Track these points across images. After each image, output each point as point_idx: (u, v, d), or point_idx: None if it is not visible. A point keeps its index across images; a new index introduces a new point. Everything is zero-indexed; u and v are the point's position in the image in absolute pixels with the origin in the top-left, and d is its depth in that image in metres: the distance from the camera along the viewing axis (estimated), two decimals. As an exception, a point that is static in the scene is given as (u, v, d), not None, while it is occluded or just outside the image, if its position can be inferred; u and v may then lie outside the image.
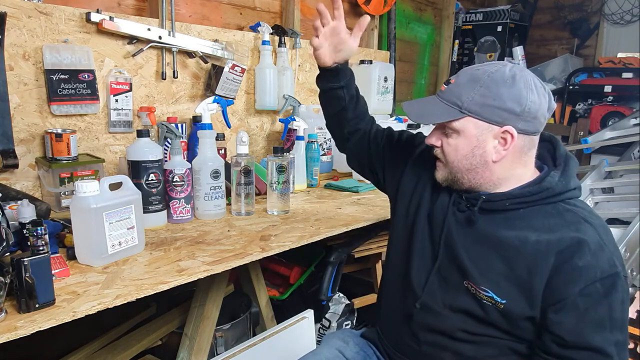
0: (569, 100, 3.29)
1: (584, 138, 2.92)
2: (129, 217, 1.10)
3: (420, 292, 0.98)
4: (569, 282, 0.81)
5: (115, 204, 1.07)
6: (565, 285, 0.81)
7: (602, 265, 0.81)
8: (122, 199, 1.09)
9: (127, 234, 1.10)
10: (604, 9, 3.42)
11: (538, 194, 0.89)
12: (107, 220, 1.04)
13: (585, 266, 0.81)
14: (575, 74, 3.29)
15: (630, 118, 2.89)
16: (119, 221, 1.07)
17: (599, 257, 0.81)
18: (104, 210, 1.04)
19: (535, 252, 0.84)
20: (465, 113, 0.89)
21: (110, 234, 1.05)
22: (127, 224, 1.10)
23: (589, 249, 0.81)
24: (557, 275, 0.82)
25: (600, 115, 3.14)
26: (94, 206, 1.02)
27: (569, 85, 3.27)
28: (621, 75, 3.14)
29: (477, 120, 0.89)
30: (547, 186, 0.88)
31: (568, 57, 3.46)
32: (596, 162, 2.78)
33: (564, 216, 0.87)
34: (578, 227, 0.85)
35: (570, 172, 0.91)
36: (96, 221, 1.03)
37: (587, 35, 3.55)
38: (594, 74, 3.32)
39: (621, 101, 3.13)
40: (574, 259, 0.81)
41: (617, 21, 3.39)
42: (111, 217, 1.05)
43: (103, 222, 1.04)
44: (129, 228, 1.10)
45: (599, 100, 3.21)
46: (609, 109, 3.13)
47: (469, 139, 0.90)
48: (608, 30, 3.47)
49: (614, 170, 2.66)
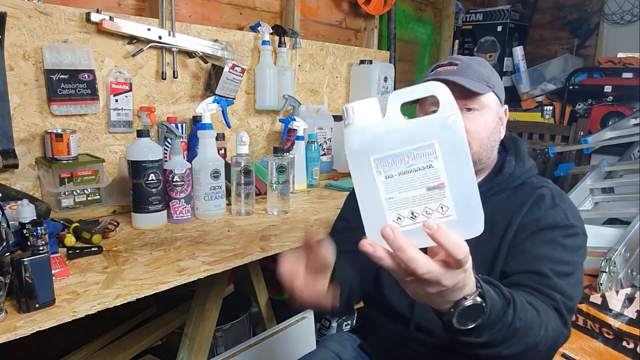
0: (569, 100, 3.29)
1: (584, 138, 2.92)
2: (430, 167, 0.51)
3: (409, 314, 0.96)
4: (523, 231, 0.87)
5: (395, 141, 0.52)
6: (520, 234, 0.87)
7: (556, 219, 0.87)
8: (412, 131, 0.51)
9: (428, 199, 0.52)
10: (604, 9, 3.42)
11: (503, 183, 0.93)
12: (378, 172, 0.52)
13: (540, 217, 0.87)
14: (575, 74, 3.29)
15: (630, 118, 2.89)
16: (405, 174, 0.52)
17: (554, 212, 0.88)
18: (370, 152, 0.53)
19: (502, 230, 0.89)
20: (491, 88, 0.90)
21: (390, 196, 0.53)
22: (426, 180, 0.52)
23: (544, 205, 0.89)
24: (518, 233, 0.88)
25: (600, 115, 3.14)
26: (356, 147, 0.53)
27: (569, 85, 3.27)
28: (621, 75, 3.13)
29: (495, 97, 0.92)
30: (508, 172, 0.93)
31: (568, 57, 3.46)
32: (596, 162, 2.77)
33: (524, 191, 0.93)
34: (534, 192, 0.91)
35: (522, 153, 0.97)
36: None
37: (587, 35, 3.55)
38: (594, 74, 3.32)
39: (621, 101, 3.13)
40: (534, 213, 0.88)
41: (617, 21, 3.39)
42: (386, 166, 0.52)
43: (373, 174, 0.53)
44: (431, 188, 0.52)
45: (599, 100, 3.21)
46: (609, 109, 3.13)
47: (493, 114, 0.92)
48: (608, 30, 3.47)
49: (614, 170, 2.66)
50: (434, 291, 0.53)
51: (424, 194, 0.51)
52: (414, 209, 0.51)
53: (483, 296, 0.58)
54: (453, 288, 0.53)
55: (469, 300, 0.56)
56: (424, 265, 0.49)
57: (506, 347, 0.65)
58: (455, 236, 0.48)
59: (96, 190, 1.44)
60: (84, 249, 1.13)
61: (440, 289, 0.52)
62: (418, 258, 0.49)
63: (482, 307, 0.58)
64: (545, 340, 0.70)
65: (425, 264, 0.50)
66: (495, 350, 0.65)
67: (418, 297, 0.56)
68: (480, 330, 0.61)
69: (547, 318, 0.73)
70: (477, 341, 0.62)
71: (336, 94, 2.41)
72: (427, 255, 0.51)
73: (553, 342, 0.73)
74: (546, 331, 0.71)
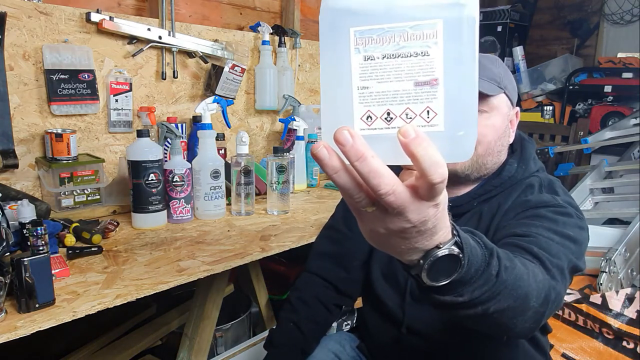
0: (569, 100, 3.29)
1: (584, 138, 2.92)
2: (425, 54, 0.39)
3: (400, 315, 0.95)
4: (508, 215, 0.84)
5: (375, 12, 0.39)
6: (506, 217, 0.84)
7: (544, 199, 0.83)
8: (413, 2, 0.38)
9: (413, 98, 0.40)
10: (604, 9, 3.41)
11: (501, 186, 0.89)
12: (356, 49, 0.40)
13: (528, 200, 0.84)
14: (575, 74, 3.29)
15: (630, 118, 2.88)
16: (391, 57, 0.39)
17: (542, 195, 0.84)
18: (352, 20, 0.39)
19: (488, 220, 0.87)
20: (502, 89, 0.85)
21: (365, 85, 0.40)
22: (416, 71, 0.39)
23: (533, 191, 0.86)
24: (504, 218, 0.85)
25: (600, 115, 3.14)
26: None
27: (569, 85, 3.27)
28: (621, 75, 3.13)
29: (507, 98, 0.87)
30: (507, 175, 0.89)
31: (568, 57, 3.46)
32: (596, 162, 2.77)
33: (514, 184, 0.90)
34: (523, 182, 0.88)
35: (527, 155, 0.92)
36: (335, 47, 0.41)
37: (587, 35, 3.54)
38: (594, 74, 3.32)
39: (621, 101, 3.13)
40: (520, 198, 0.85)
41: (617, 21, 3.39)
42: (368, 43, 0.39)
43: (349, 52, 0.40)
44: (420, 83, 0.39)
45: (599, 100, 3.21)
46: (609, 109, 3.12)
47: (502, 116, 0.87)
48: (608, 30, 3.47)
49: (614, 170, 2.66)
50: (395, 228, 0.40)
51: (410, 89, 0.39)
52: (392, 108, 0.39)
53: (460, 246, 0.46)
54: (420, 227, 0.40)
55: (443, 249, 0.44)
56: (388, 181, 0.37)
57: (494, 304, 0.54)
58: (435, 151, 0.36)
59: (96, 190, 1.44)
60: (84, 249, 1.13)
61: (403, 225, 0.40)
62: (382, 171, 0.37)
63: (459, 258, 0.46)
64: (537, 294, 0.60)
65: (391, 179, 0.37)
66: (482, 308, 0.54)
67: (378, 241, 0.44)
68: (459, 287, 0.50)
69: (533, 269, 0.63)
70: (457, 300, 0.51)
71: (336, 94, 2.41)
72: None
73: (544, 297, 0.62)
74: (536, 284, 0.61)
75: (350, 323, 1.97)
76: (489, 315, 0.55)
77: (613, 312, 1.59)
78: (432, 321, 0.91)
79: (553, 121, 3.36)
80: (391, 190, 0.37)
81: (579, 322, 1.65)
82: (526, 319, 0.60)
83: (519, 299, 0.57)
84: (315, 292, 1.07)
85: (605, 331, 1.59)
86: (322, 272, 1.08)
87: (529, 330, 0.63)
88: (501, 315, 0.57)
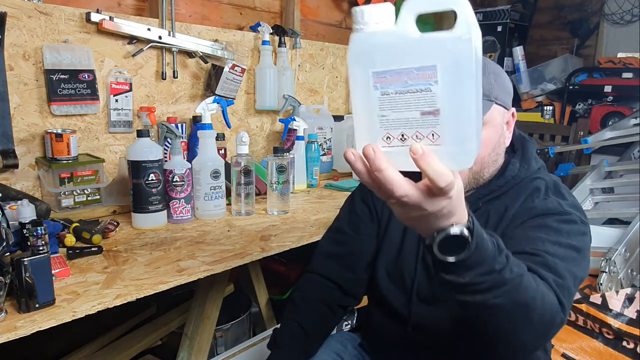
0: (569, 100, 3.29)
1: (584, 138, 2.92)
2: (428, 90, 0.48)
3: (406, 314, 0.95)
4: (515, 221, 0.86)
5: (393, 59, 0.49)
6: (513, 224, 0.86)
7: (549, 205, 0.85)
8: (418, 47, 0.48)
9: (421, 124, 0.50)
10: (604, 9, 3.41)
11: (505, 185, 0.90)
12: (374, 86, 0.50)
13: (533, 206, 0.85)
14: (575, 74, 3.29)
15: (630, 118, 2.88)
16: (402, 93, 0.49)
17: (547, 201, 0.86)
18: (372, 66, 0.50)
19: (495, 223, 0.88)
20: (493, 101, 0.84)
21: (384, 114, 0.51)
22: (422, 104, 0.49)
23: (538, 196, 0.87)
24: (510, 224, 0.86)
25: (600, 115, 3.13)
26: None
27: (569, 85, 3.27)
28: (621, 75, 3.13)
29: (499, 107, 0.87)
30: (511, 175, 0.90)
31: (568, 57, 3.46)
32: (596, 162, 2.77)
33: (520, 186, 0.91)
34: (529, 185, 0.90)
35: (528, 155, 0.93)
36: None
37: (587, 35, 3.54)
38: (594, 74, 3.31)
39: (621, 101, 3.13)
40: (527, 203, 0.87)
41: (617, 21, 3.38)
42: (384, 82, 0.50)
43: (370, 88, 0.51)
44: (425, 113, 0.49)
45: (599, 100, 3.21)
46: (609, 109, 3.12)
47: (495, 128, 0.87)
48: (608, 30, 3.47)
49: (614, 170, 2.66)
50: (416, 215, 0.52)
51: (418, 117, 0.49)
52: (405, 131, 0.50)
53: (472, 231, 0.54)
54: (437, 214, 0.51)
55: (455, 227, 0.53)
56: (399, 188, 0.48)
57: (493, 298, 0.59)
58: (438, 164, 0.47)
59: (96, 190, 1.44)
60: (84, 249, 1.13)
61: (422, 212, 0.51)
62: (394, 180, 0.48)
63: (467, 241, 0.54)
64: (541, 311, 0.64)
65: (402, 186, 0.49)
66: (481, 297, 0.59)
67: (405, 220, 0.54)
68: (463, 270, 0.57)
69: (545, 290, 0.67)
70: (458, 281, 0.58)
71: (336, 94, 2.41)
72: (406, 179, 0.49)
73: (549, 318, 0.66)
74: (542, 302, 0.65)
75: (350, 323, 1.97)
76: (488, 308, 0.61)
77: (613, 312, 1.59)
78: (439, 320, 0.92)
79: (553, 121, 3.36)
80: (403, 194, 0.49)
81: (579, 322, 1.65)
82: (527, 332, 0.65)
83: (518, 306, 0.62)
84: (319, 292, 1.07)
85: (605, 331, 1.59)
86: (327, 272, 1.08)
87: (531, 346, 0.69)
88: (500, 315, 0.61)
